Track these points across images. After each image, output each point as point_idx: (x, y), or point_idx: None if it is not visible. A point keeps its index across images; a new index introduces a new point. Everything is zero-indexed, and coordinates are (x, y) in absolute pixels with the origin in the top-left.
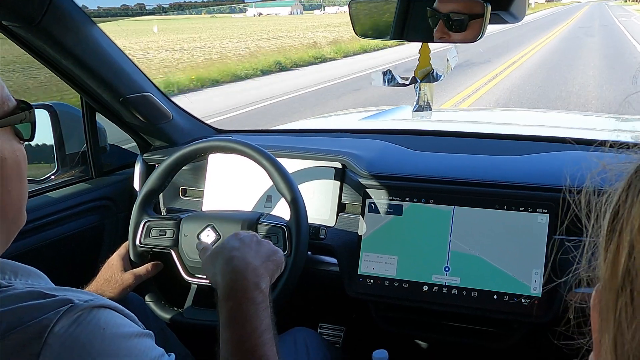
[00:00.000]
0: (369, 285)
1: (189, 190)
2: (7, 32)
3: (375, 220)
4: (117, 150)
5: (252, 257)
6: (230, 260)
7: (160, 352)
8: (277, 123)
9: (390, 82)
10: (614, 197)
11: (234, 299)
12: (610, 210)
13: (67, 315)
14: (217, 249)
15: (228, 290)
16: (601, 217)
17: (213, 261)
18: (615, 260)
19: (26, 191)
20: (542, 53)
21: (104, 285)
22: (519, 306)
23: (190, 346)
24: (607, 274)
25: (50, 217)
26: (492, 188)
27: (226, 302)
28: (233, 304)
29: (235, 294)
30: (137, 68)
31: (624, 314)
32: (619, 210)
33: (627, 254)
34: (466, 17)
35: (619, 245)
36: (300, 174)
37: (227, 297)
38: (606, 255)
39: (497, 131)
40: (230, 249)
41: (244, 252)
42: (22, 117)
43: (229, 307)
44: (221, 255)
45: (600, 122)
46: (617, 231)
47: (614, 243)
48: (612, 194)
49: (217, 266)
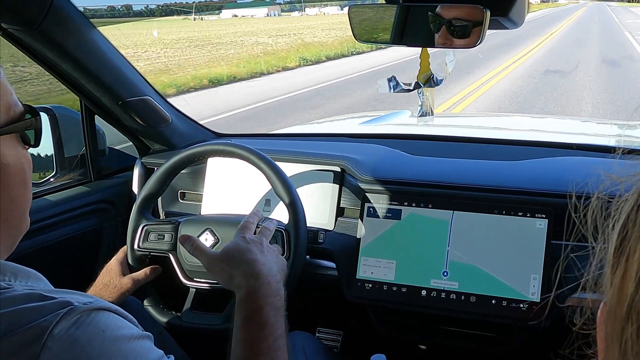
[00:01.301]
0: (368, 290)
1: (187, 194)
2: (7, 35)
3: (374, 224)
4: (116, 154)
5: (272, 263)
6: (254, 263)
7: (159, 354)
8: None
9: (395, 88)
10: (623, 211)
11: (256, 302)
12: (618, 228)
13: (66, 317)
14: (231, 251)
15: (252, 292)
16: (608, 230)
17: (230, 263)
18: (622, 289)
19: (30, 197)
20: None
21: (102, 290)
22: (517, 311)
23: (188, 350)
24: (614, 300)
25: (48, 220)
26: (491, 193)
27: (246, 303)
28: (254, 306)
29: (258, 298)
30: (136, 71)
31: (629, 347)
32: (627, 233)
33: (634, 286)
34: (470, 23)
35: (625, 272)
36: (299, 178)
37: (248, 299)
38: (612, 280)
39: (496, 136)
40: (250, 251)
41: (266, 257)
42: (28, 124)
43: (249, 309)
44: (239, 257)
45: (600, 128)
46: (625, 255)
47: (620, 268)
48: (622, 205)
49: (237, 268)
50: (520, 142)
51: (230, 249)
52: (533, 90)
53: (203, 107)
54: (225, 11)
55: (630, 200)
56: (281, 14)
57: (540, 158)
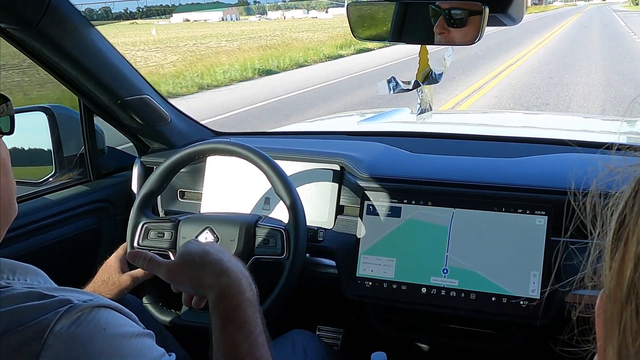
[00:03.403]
0: (368, 288)
1: (187, 192)
2: (4, 35)
3: (374, 222)
4: (115, 153)
5: (234, 259)
6: (220, 262)
7: (161, 352)
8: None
9: (395, 88)
10: (621, 202)
11: (232, 299)
12: (617, 216)
13: (66, 315)
14: (189, 255)
15: (226, 291)
16: (607, 222)
17: (193, 266)
18: (621, 271)
19: (14, 184)
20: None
21: (101, 286)
22: (518, 308)
23: (187, 348)
24: (612, 284)
25: (48, 219)
26: (490, 190)
27: (222, 302)
28: (231, 304)
29: (233, 295)
30: (135, 70)
31: (628, 327)
32: (625, 218)
33: (632, 266)
34: (465, 12)
35: (624, 255)
36: (299, 176)
37: (223, 298)
38: (611, 264)
39: (495, 133)
40: (209, 252)
41: (226, 255)
42: (0, 111)
43: (226, 308)
44: (201, 259)
45: (601, 125)
46: (623, 240)
47: (619, 252)
48: (619, 198)
49: (203, 269)
50: (519, 139)
51: (187, 254)
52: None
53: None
54: (176, 15)
55: (628, 188)
56: (239, 18)
57: (539, 155)
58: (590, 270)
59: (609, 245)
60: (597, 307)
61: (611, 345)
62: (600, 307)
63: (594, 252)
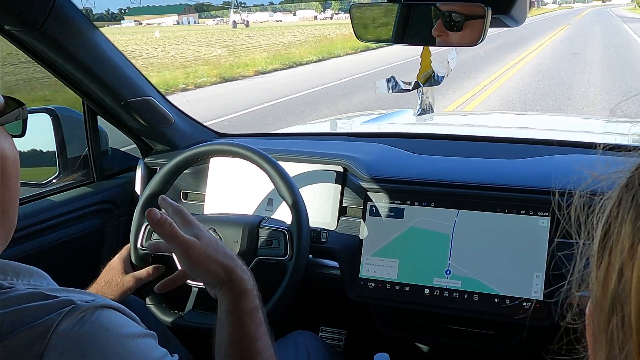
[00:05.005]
0: (370, 289)
1: (190, 193)
2: (9, 36)
3: (377, 223)
4: (119, 154)
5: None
6: (234, 259)
7: (163, 352)
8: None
9: (395, 88)
10: (606, 209)
11: (253, 300)
12: (602, 224)
13: (69, 315)
14: (211, 242)
15: (249, 289)
16: (593, 229)
17: (215, 249)
18: (606, 281)
19: (19, 187)
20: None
21: (104, 287)
22: (520, 309)
23: (190, 349)
24: (599, 292)
25: (51, 220)
26: (493, 191)
27: (244, 301)
28: (252, 305)
29: (254, 296)
30: (138, 72)
31: (615, 337)
32: (610, 227)
33: (617, 277)
34: (462, 16)
35: (609, 265)
36: (302, 177)
37: (246, 297)
38: (597, 273)
39: (498, 134)
40: (223, 246)
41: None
42: (16, 114)
43: (248, 307)
44: (220, 250)
45: (602, 126)
46: (608, 249)
47: (604, 262)
48: (605, 203)
49: (226, 259)
50: (522, 140)
51: (206, 237)
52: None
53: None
54: (127, 18)
55: (612, 196)
56: (198, 22)
57: (542, 156)
58: (579, 278)
59: (595, 253)
60: (587, 316)
61: (600, 355)
62: (589, 316)
63: (580, 259)
